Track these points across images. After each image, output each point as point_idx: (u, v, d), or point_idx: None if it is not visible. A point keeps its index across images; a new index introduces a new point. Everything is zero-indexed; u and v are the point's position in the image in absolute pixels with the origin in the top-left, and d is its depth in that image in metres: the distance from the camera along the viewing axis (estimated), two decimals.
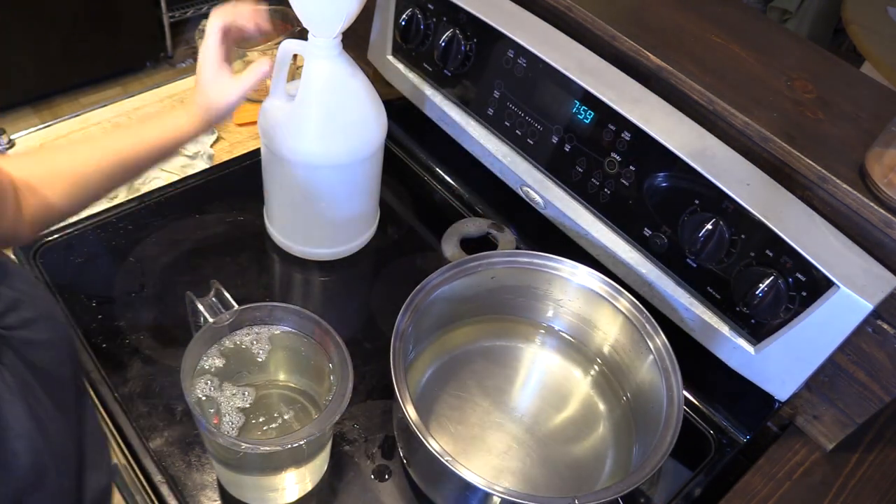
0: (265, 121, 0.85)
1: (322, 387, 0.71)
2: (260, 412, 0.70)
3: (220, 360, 0.69)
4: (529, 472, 0.77)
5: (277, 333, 0.72)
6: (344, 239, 0.95)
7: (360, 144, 0.85)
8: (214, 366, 0.69)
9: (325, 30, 0.77)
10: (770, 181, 0.73)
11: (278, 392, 0.73)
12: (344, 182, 0.88)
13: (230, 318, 0.69)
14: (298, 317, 0.71)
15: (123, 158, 0.70)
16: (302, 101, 0.82)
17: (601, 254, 0.87)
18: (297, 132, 0.82)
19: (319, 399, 0.72)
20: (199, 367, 0.69)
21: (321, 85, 0.81)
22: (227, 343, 0.70)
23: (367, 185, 0.92)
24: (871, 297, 0.66)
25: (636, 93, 0.80)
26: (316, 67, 0.80)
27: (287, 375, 0.74)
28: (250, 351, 0.71)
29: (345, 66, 0.82)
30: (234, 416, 0.68)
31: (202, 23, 1.19)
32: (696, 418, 0.85)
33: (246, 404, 0.69)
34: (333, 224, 0.92)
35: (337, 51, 0.80)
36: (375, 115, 0.86)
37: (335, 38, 0.79)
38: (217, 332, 0.70)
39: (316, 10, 0.76)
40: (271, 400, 0.72)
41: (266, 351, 0.72)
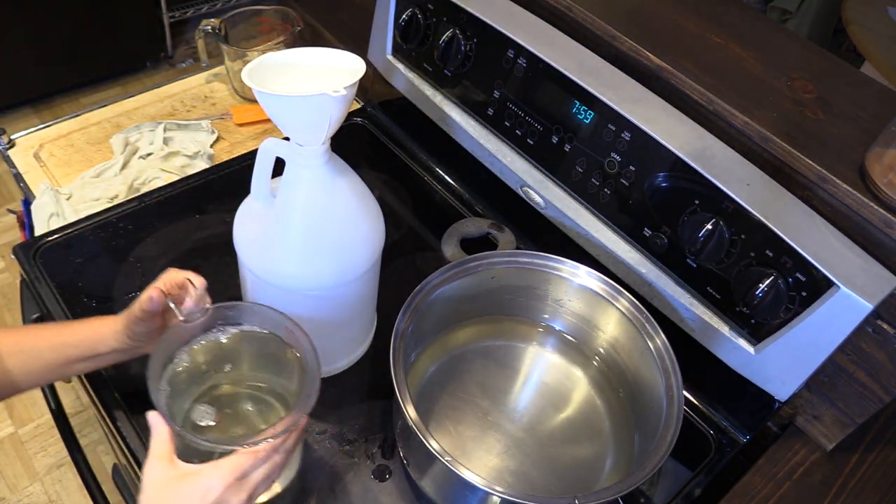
0: (240, 226, 0.74)
1: (292, 386, 0.70)
2: (228, 412, 0.69)
3: (190, 359, 0.68)
4: (529, 472, 0.77)
5: (248, 332, 0.70)
6: (331, 359, 0.84)
7: (348, 265, 0.73)
8: (184, 365, 0.68)
9: (309, 138, 0.66)
10: (770, 181, 0.73)
11: (248, 392, 0.72)
12: (330, 306, 0.76)
13: (201, 317, 0.68)
14: (270, 316, 0.70)
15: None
16: (281, 216, 0.70)
17: (601, 254, 0.87)
18: (273, 250, 0.71)
19: (290, 399, 0.71)
20: (169, 366, 0.67)
21: (303, 199, 0.69)
22: (198, 342, 0.69)
23: (359, 306, 0.80)
24: (871, 297, 0.66)
25: (636, 93, 0.80)
26: (298, 177, 0.68)
27: (257, 374, 0.73)
28: (221, 350, 0.70)
29: (333, 176, 0.69)
30: (201, 415, 0.67)
31: (202, 23, 1.20)
32: (696, 418, 0.85)
33: (213, 406, 0.68)
34: (319, 345, 0.82)
35: (324, 159, 0.68)
36: (369, 229, 0.74)
37: (323, 143, 0.67)
38: (188, 331, 0.68)
39: (296, 118, 0.64)
40: (240, 399, 0.71)
41: (236, 350, 0.70)
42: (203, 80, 1.29)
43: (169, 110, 1.22)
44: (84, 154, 1.13)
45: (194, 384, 0.69)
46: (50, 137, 1.15)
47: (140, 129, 1.16)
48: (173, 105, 1.23)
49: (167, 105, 1.23)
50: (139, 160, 1.12)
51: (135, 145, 1.14)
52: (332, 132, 0.66)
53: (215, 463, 0.58)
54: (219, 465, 0.58)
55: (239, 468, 0.58)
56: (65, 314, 0.86)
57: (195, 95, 1.25)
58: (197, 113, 1.22)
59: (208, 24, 1.19)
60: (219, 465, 0.58)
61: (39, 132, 1.16)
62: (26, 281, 0.91)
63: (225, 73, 1.26)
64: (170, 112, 1.22)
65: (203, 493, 0.57)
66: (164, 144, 1.14)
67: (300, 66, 0.67)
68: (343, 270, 0.73)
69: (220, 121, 1.20)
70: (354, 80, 0.62)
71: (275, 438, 0.60)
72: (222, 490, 0.57)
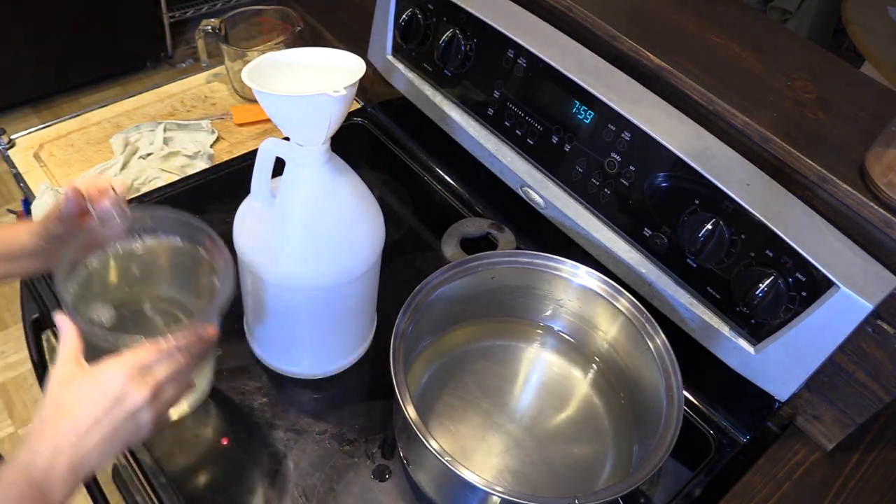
0: (240, 226, 0.74)
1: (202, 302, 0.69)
2: (135, 321, 0.67)
3: (102, 265, 0.66)
4: (529, 472, 0.77)
5: (167, 244, 0.69)
6: (329, 360, 0.84)
7: (348, 265, 0.73)
8: (94, 267, 0.65)
9: (309, 138, 0.66)
10: (770, 181, 0.73)
11: (157, 306, 0.70)
12: (330, 306, 0.76)
13: (119, 223, 0.65)
14: (189, 227, 0.68)
15: None
16: (281, 216, 0.70)
17: (601, 254, 0.87)
18: (273, 250, 0.71)
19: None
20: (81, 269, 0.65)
21: (303, 199, 0.69)
22: (114, 248, 0.67)
23: (359, 306, 0.80)
24: (871, 297, 0.66)
25: (636, 93, 0.80)
26: (298, 177, 0.68)
27: (169, 289, 0.71)
28: (135, 260, 0.67)
29: (333, 176, 0.69)
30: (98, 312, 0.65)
31: (202, 23, 1.20)
32: (696, 418, 0.85)
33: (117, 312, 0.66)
34: (318, 346, 0.82)
35: (324, 159, 0.68)
36: (369, 228, 0.74)
37: (323, 143, 0.67)
38: (104, 235, 0.66)
39: (296, 118, 0.64)
40: (147, 311, 0.69)
41: (151, 262, 0.68)
42: (203, 80, 1.29)
43: (169, 110, 1.22)
44: (84, 154, 1.13)
45: (104, 292, 0.67)
46: (50, 137, 1.15)
47: (140, 130, 1.16)
48: (173, 105, 1.23)
49: (167, 105, 1.23)
50: (139, 160, 1.12)
51: (135, 145, 1.14)
52: (332, 132, 0.66)
53: (116, 357, 0.58)
54: (119, 359, 0.58)
55: (139, 360, 0.58)
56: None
57: (195, 95, 1.25)
58: (197, 113, 1.22)
59: (208, 24, 1.19)
60: (119, 359, 0.58)
61: (39, 132, 1.16)
62: (26, 281, 0.91)
63: (225, 73, 1.26)
64: (170, 112, 1.22)
65: (104, 385, 0.57)
66: (164, 144, 1.14)
67: (300, 66, 0.67)
68: (343, 270, 0.73)
69: (220, 121, 1.20)
70: (354, 80, 0.62)
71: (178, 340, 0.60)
72: (123, 381, 0.57)
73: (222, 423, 0.79)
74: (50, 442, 0.56)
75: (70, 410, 0.57)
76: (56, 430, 0.56)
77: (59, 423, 0.56)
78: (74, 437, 0.56)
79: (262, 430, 0.79)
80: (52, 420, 0.57)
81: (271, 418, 0.80)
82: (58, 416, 0.57)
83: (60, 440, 0.56)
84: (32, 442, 0.56)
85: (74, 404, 0.57)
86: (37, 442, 0.56)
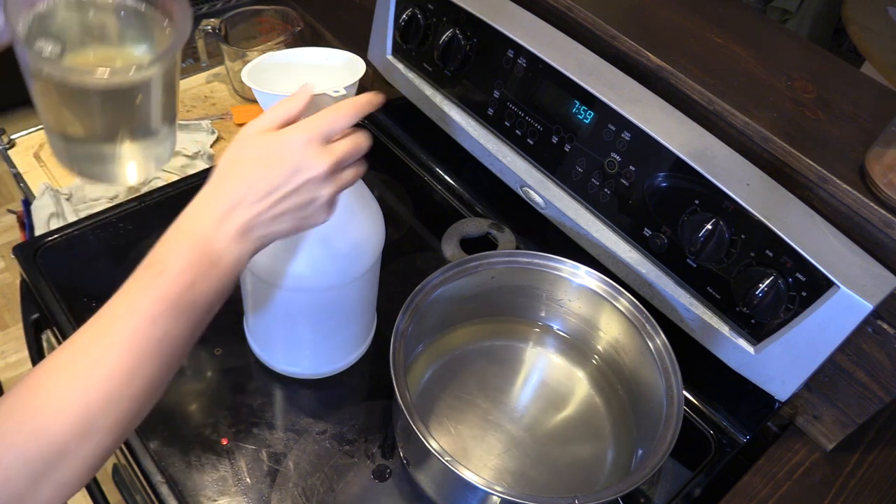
0: None
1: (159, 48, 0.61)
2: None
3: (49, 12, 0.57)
4: (529, 472, 0.77)
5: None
6: (329, 360, 0.84)
7: (348, 265, 0.73)
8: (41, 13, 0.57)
9: None
10: (770, 181, 0.73)
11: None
12: (330, 306, 0.76)
13: None
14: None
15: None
16: None
17: (601, 254, 0.87)
18: (272, 250, 0.68)
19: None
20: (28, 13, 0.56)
21: None
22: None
23: (359, 306, 0.80)
24: (871, 297, 0.66)
25: (636, 93, 0.80)
26: None
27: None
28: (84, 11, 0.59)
29: None
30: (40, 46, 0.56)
31: (202, 23, 1.19)
32: (696, 418, 0.85)
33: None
34: (318, 346, 0.81)
35: None
36: (369, 228, 0.73)
37: None
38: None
39: None
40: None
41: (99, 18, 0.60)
42: (203, 80, 1.29)
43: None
44: None
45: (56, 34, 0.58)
46: None
47: None
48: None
49: None
50: None
51: None
52: None
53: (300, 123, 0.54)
54: (303, 125, 0.54)
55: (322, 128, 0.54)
56: (65, 314, 0.86)
57: (195, 95, 1.25)
58: (197, 113, 1.22)
59: (208, 24, 1.19)
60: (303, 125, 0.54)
61: (39, 132, 1.16)
62: (26, 281, 0.91)
63: (225, 73, 1.26)
64: None
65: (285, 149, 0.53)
66: None
67: (300, 65, 0.67)
68: (343, 270, 0.73)
69: (220, 121, 1.20)
70: (354, 80, 0.62)
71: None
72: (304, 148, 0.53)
73: (222, 423, 0.79)
74: (221, 201, 0.53)
75: (245, 170, 0.53)
76: (229, 188, 0.53)
77: (232, 182, 0.53)
78: (248, 198, 0.52)
79: (262, 430, 0.79)
80: (224, 178, 0.53)
81: (271, 418, 0.80)
82: (231, 175, 0.53)
83: (232, 198, 0.52)
84: (200, 200, 0.53)
85: (251, 164, 0.53)
86: (205, 200, 0.53)
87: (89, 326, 0.49)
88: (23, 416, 0.46)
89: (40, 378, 0.47)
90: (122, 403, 0.48)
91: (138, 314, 0.49)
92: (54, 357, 0.49)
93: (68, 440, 0.46)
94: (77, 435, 0.46)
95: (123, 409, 0.48)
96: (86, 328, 0.49)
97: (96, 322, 0.50)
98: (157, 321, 0.49)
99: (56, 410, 0.46)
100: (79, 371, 0.47)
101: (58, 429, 0.46)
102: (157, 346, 0.49)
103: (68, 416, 0.46)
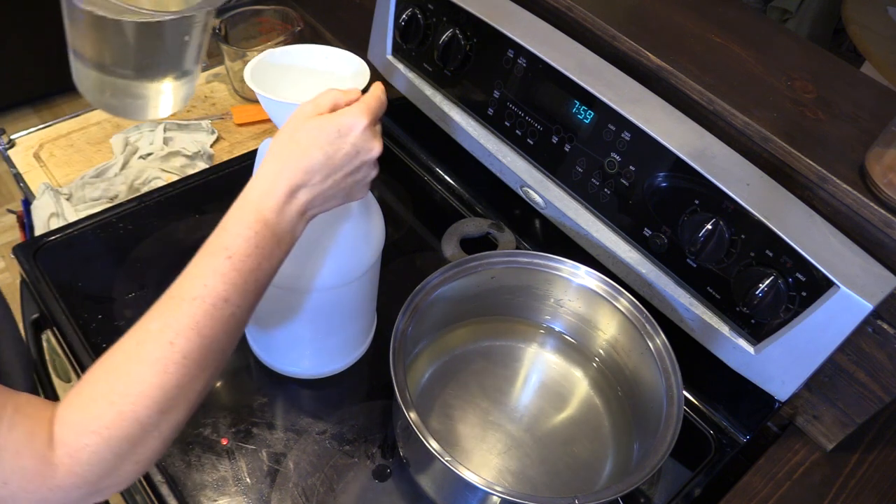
0: None
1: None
2: None
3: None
4: (529, 472, 0.77)
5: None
6: (329, 360, 0.84)
7: (348, 265, 0.72)
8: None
9: None
10: (770, 181, 0.73)
11: None
12: (330, 306, 0.76)
13: None
14: None
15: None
16: None
17: (601, 254, 0.87)
18: None
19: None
20: None
21: None
22: None
23: (359, 306, 0.80)
24: (871, 297, 0.66)
25: (636, 93, 0.80)
26: None
27: None
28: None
29: None
30: None
31: None
32: (696, 418, 0.85)
33: None
34: (318, 346, 0.81)
35: None
36: (369, 229, 0.73)
37: None
38: None
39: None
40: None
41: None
42: (203, 80, 1.29)
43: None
44: (84, 154, 1.13)
45: None
46: (50, 137, 1.15)
47: (140, 130, 1.16)
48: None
49: None
50: (139, 160, 1.12)
51: (135, 145, 1.14)
52: None
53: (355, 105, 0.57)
54: (359, 107, 0.56)
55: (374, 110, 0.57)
56: (65, 314, 0.86)
57: (195, 95, 1.25)
58: (197, 113, 1.22)
59: None
60: (359, 107, 0.56)
61: (39, 132, 1.16)
62: (26, 281, 0.91)
63: (225, 73, 1.26)
64: None
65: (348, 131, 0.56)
66: (164, 144, 1.14)
67: (302, 64, 0.67)
68: (343, 270, 0.73)
69: (220, 121, 1.20)
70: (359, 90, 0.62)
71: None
72: (365, 131, 0.56)
73: (222, 423, 0.79)
74: (284, 182, 0.55)
75: (308, 152, 0.55)
76: (292, 169, 0.55)
77: (294, 163, 0.55)
78: (312, 179, 0.55)
79: (262, 430, 0.79)
80: (287, 160, 0.55)
81: (271, 418, 0.80)
82: (293, 156, 0.55)
83: (295, 180, 0.55)
84: (262, 182, 0.55)
85: (312, 146, 0.55)
86: (266, 182, 0.55)
87: (160, 310, 0.52)
88: (105, 401, 0.48)
89: (116, 363, 0.50)
90: (195, 381, 0.52)
91: (210, 297, 0.52)
92: (127, 340, 0.51)
93: (149, 420, 0.49)
94: (157, 414, 0.50)
95: (196, 386, 0.52)
96: (156, 312, 0.52)
97: (167, 305, 0.52)
98: (228, 301, 0.53)
99: (137, 394, 0.49)
100: (155, 354, 0.50)
101: (140, 411, 0.49)
102: (226, 324, 0.53)
103: (149, 399, 0.49)
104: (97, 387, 0.49)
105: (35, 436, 0.47)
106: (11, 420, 0.47)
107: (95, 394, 0.49)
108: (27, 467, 0.47)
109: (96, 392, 0.49)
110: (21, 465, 0.46)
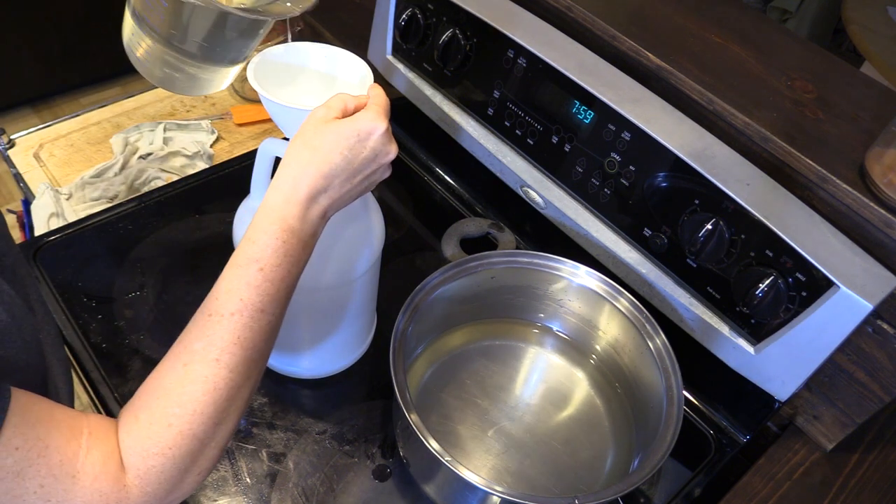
0: (240, 226, 0.73)
1: None
2: None
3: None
4: (529, 472, 0.77)
5: None
6: (329, 360, 0.84)
7: (348, 265, 0.73)
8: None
9: None
10: (770, 181, 0.73)
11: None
12: (330, 306, 0.76)
13: None
14: None
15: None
16: None
17: (601, 254, 0.87)
18: None
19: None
20: None
21: None
22: None
23: (359, 306, 0.80)
24: (871, 297, 0.66)
25: (636, 93, 0.80)
26: None
27: None
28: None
29: None
30: None
31: None
32: (696, 418, 0.85)
33: None
34: (318, 346, 0.81)
35: None
36: (369, 228, 0.74)
37: None
38: None
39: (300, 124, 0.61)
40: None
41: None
42: None
43: (169, 110, 1.22)
44: (84, 154, 1.13)
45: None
46: (50, 137, 1.15)
47: (140, 129, 1.16)
48: (173, 105, 1.23)
49: (167, 105, 1.23)
50: (139, 160, 1.12)
51: (135, 145, 1.14)
52: None
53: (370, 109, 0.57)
54: (376, 112, 0.57)
55: (388, 113, 0.58)
56: (65, 314, 0.86)
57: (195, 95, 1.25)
58: (197, 113, 1.22)
59: None
60: (376, 112, 0.57)
61: (39, 132, 1.16)
62: None
63: None
64: (169, 112, 1.22)
65: (367, 135, 0.57)
66: (163, 144, 1.14)
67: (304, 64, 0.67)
68: (343, 270, 0.73)
69: (219, 121, 1.20)
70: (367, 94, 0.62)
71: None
72: (384, 134, 0.57)
73: None
74: (305, 187, 0.56)
75: (327, 157, 0.56)
76: (313, 174, 0.56)
77: (314, 168, 0.56)
78: (333, 183, 0.57)
79: (262, 430, 0.79)
80: (306, 164, 0.56)
81: (271, 418, 0.80)
82: (312, 161, 0.56)
83: (316, 184, 0.56)
84: (283, 188, 0.56)
85: (332, 150, 0.56)
86: (287, 188, 0.56)
87: (201, 329, 0.53)
88: (163, 424, 0.50)
89: (167, 385, 0.52)
90: (243, 390, 0.54)
91: (247, 310, 0.54)
92: (173, 361, 0.53)
93: (206, 434, 0.52)
94: (212, 428, 0.52)
95: (244, 394, 0.55)
96: (197, 331, 0.53)
97: (207, 323, 0.53)
98: (264, 311, 0.55)
99: (192, 413, 0.51)
100: (203, 373, 0.52)
101: (197, 428, 0.51)
102: (264, 332, 0.55)
103: (203, 416, 0.51)
104: (153, 412, 0.51)
105: (109, 459, 0.49)
106: (88, 444, 0.48)
107: (153, 418, 0.51)
108: (104, 491, 0.48)
109: (153, 416, 0.51)
110: (98, 489, 0.48)
